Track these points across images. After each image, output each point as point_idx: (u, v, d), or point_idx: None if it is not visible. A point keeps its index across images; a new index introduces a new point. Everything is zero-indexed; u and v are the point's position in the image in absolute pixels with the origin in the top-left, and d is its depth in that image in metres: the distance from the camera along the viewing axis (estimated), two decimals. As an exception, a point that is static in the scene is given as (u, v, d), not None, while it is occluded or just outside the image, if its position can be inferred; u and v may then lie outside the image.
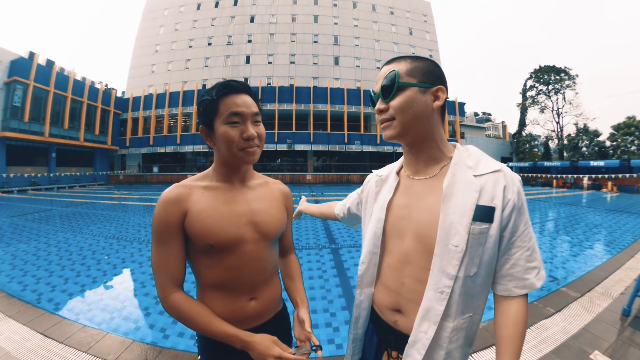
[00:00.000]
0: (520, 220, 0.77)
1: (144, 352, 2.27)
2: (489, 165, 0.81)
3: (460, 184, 0.79)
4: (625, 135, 29.99)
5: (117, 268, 4.44)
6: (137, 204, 12.34)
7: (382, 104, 0.84)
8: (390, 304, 0.89)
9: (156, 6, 38.85)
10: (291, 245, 1.29)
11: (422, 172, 0.89)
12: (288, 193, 1.20)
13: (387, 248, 0.92)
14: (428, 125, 0.83)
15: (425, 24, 40.22)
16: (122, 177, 28.77)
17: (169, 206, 0.90)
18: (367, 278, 0.96)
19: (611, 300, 3.09)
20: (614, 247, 5.55)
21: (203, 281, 0.97)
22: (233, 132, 0.90)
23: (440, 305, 0.76)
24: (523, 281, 0.77)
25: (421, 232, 0.82)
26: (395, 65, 0.83)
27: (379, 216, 0.93)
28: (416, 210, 0.85)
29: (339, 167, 30.65)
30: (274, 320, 1.09)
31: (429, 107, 0.81)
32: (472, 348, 2.34)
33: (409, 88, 0.79)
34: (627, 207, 11.93)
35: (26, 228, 7.23)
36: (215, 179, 1.00)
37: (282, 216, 1.09)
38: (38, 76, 21.47)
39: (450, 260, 0.75)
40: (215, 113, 0.91)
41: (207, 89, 0.94)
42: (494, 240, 0.75)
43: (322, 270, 4.27)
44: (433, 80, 0.81)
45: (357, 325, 1.00)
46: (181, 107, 28.67)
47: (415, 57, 0.83)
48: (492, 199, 0.75)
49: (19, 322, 2.62)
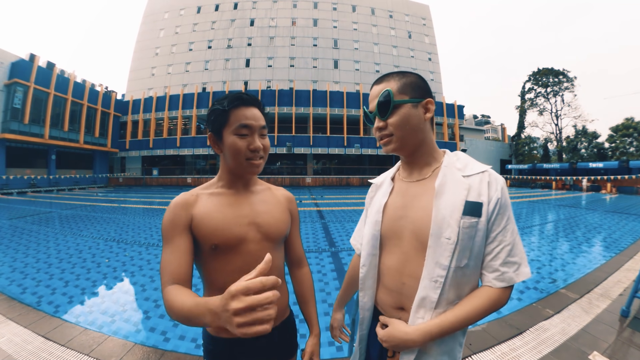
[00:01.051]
0: (503, 216, 0.83)
1: (145, 355, 2.27)
2: (475, 167, 0.89)
3: (451, 183, 0.86)
4: (623, 136, 30.08)
5: (117, 271, 4.44)
6: (136, 206, 12.34)
7: (380, 122, 0.91)
8: (394, 303, 0.94)
9: (156, 9, 39.04)
10: (302, 257, 1.27)
11: (416, 175, 0.97)
12: (292, 198, 1.22)
13: (386, 250, 0.97)
14: (422, 135, 0.91)
15: (424, 27, 40.43)
16: (122, 180, 28.76)
17: (176, 209, 0.95)
18: (369, 280, 1.00)
19: (610, 302, 3.10)
20: (613, 249, 5.56)
21: (211, 286, 0.99)
22: (241, 143, 0.94)
23: (434, 293, 0.83)
24: (502, 274, 0.82)
25: (418, 229, 0.87)
26: (386, 85, 0.90)
27: (376, 219, 0.98)
28: (412, 209, 0.91)
29: (339, 170, 30.64)
30: (281, 327, 1.11)
31: (421, 119, 0.89)
32: (473, 349, 2.35)
33: (403, 105, 0.87)
34: (626, 209, 11.95)
35: (25, 230, 7.23)
36: (220, 185, 1.05)
37: (285, 218, 1.12)
38: (38, 78, 21.51)
39: (442, 252, 0.82)
40: (225, 123, 0.94)
41: (219, 99, 0.98)
42: (483, 233, 0.82)
43: (322, 274, 4.28)
44: (422, 93, 0.89)
45: (362, 326, 1.04)
46: (181, 110, 28.70)
47: (401, 73, 0.91)
48: (480, 196, 0.83)
49: (20, 325, 2.62)
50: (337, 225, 7.86)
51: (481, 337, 2.49)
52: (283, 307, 1.12)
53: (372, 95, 0.92)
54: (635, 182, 21.49)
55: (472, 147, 34.32)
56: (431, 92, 0.92)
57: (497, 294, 0.82)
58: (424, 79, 0.92)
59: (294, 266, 1.26)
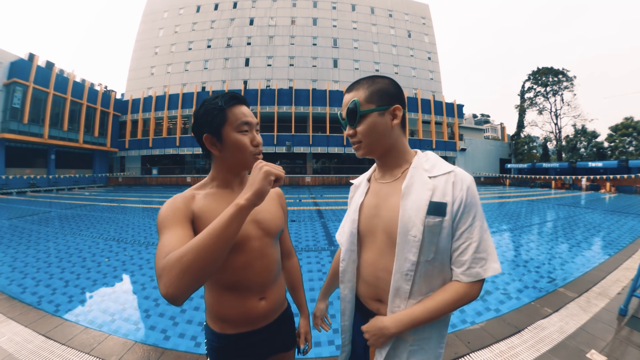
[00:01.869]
0: (469, 215, 0.87)
1: (146, 353, 2.29)
2: (442, 168, 0.93)
3: (417, 184, 0.91)
4: (623, 136, 30.07)
5: (117, 270, 4.45)
6: (136, 206, 12.34)
7: (350, 130, 0.97)
8: (372, 295, 1.01)
9: (156, 8, 38.96)
10: (291, 248, 1.36)
11: (387, 176, 1.02)
12: (281, 193, 1.27)
13: (364, 246, 1.04)
14: (390, 140, 0.96)
15: (423, 26, 40.39)
16: (122, 180, 28.76)
17: (176, 202, 0.92)
18: (348, 274, 1.07)
19: (608, 300, 3.12)
20: (612, 248, 5.58)
21: (212, 283, 1.01)
22: (245, 139, 0.96)
23: (406, 284, 0.89)
24: (469, 269, 0.86)
25: (389, 227, 0.93)
26: (355, 94, 0.94)
27: (353, 217, 1.06)
28: (384, 209, 0.97)
29: (338, 169, 30.67)
30: (280, 320, 1.14)
31: (388, 126, 0.93)
32: (471, 347, 2.36)
33: (369, 114, 0.92)
34: (626, 208, 11.98)
35: (25, 230, 7.23)
36: (215, 185, 1.04)
37: (280, 214, 1.16)
38: (38, 78, 21.47)
39: (410, 248, 0.87)
40: (224, 122, 0.95)
41: (208, 100, 0.98)
42: (448, 231, 0.86)
43: (322, 272, 4.29)
44: (389, 100, 0.93)
45: (344, 317, 1.12)
46: (180, 109, 28.68)
47: (372, 79, 0.96)
48: (444, 196, 0.87)
49: (20, 324, 2.64)
50: (336, 224, 7.86)
51: (479, 335, 2.51)
52: (282, 299, 1.16)
53: (344, 104, 0.98)
54: (635, 182, 21.52)
55: (471, 146, 34.29)
56: (401, 97, 0.95)
57: (464, 288, 0.87)
58: (395, 84, 0.96)
59: (285, 257, 1.33)
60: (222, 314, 1.01)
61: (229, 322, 1.01)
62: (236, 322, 1.01)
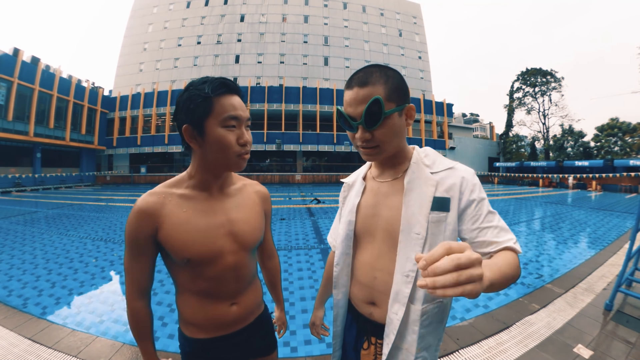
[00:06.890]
0: (481, 207, 0.83)
1: (134, 355, 2.26)
2: (443, 163, 0.90)
3: (419, 180, 0.87)
4: (608, 136, 30.86)
5: (105, 271, 4.37)
6: (124, 205, 12.15)
7: (365, 133, 0.81)
8: (365, 298, 0.97)
9: (145, 4, 38.28)
10: (273, 249, 1.29)
11: (387, 175, 0.97)
12: (267, 195, 1.15)
13: (359, 247, 1.00)
14: (403, 142, 0.90)
15: (414, 25, 40.60)
16: (109, 178, 28.27)
17: (140, 218, 0.84)
18: (343, 278, 1.03)
19: (594, 296, 3.19)
20: (597, 245, 5.71)
21: (182, 288, 0.96)
22: (231, 137, 0.84)
23: (406, 287, 0.84)
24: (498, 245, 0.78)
25: (390, 227, 0.89)
26: (373, 89, 0.78)
27: (350, 219, 1.00)
28: (384, 208, 0.93)
29: (328, 167, 30.73)
30: (255, 324, 1.08)
31: (404, 127, 0.86)
32: (460, 344, 2.39)
33: (391, 115, 0.79)
34: (611, 206, 12.27)
35: (11, 231, 7.05)
36: (191, 186, 0.93)
37: (260, 225, 1.05)
38: (22, 74, 20.83)
39: (413, 247, 0.83)
40: (209, 113, 0.82)
41: (194, 84, 0.85)
42: (452, 227, 0.83)
43: (312, 271, 4.29)
44: (405, 98, 0.83)
45: (337, 322, 1.08)
46: (169, 106, 28.24)
47: (383, 72, 0.81)
48: (448, 191, 0.84)
49: (6, 328, 2.57)
50: (326, 222, 7.87)
51: (468, 331, 2.54)
52: (257, 303, 1.09)
53: (356, 99, 0.80)
54: (619, 180, 22.04)
55: (460, 145, 34.66)
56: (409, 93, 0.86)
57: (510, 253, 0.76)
58: (402, 77, 0.84)
59: (266, 259, 1.28)
60: (191, 318, 0.96)
61: (199, 327, 0.96)
62: (206, 326, 0.96)
